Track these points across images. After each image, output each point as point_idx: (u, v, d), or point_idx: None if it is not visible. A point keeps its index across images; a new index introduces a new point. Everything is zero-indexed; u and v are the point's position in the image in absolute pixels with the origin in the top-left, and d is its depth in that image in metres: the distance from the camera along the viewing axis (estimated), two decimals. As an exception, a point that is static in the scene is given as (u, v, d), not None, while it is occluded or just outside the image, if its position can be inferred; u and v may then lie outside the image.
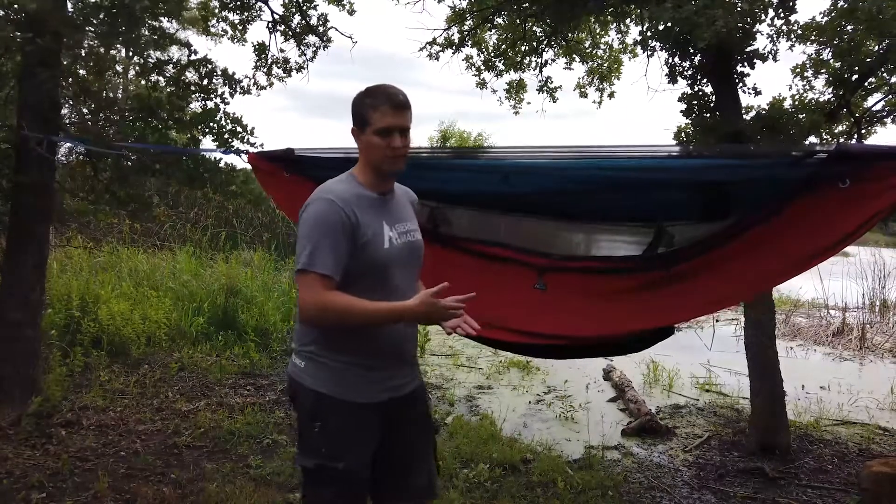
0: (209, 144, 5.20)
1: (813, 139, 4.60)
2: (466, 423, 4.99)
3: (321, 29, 6.30)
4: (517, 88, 7.81)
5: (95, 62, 4.64)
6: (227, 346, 6.54)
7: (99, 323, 6.02)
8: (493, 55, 7.42)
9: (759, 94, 4.49)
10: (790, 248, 2.49)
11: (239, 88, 5.18)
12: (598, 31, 7.58)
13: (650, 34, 4.97)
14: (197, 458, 4.08)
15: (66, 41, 4.18)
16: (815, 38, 4.54)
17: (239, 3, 6.19)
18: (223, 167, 4.89)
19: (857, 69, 4.34)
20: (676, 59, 4.58)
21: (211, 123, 4.85)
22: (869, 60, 4.25)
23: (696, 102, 4.64)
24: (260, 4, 6.21)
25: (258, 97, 8.60)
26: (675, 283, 2.77)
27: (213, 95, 4.98)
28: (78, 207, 5.33)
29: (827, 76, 4.59)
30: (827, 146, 2.95)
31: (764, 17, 4.36)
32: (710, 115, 4.60)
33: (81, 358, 5.47)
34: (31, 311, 4.39)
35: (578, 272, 3.01)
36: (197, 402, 5.09)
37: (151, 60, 4.80)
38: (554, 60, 7.45)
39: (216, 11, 6.46)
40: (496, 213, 3.15)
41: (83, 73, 4.75)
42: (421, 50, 7.18)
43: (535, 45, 7.16)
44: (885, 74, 4.54)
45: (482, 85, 7.56)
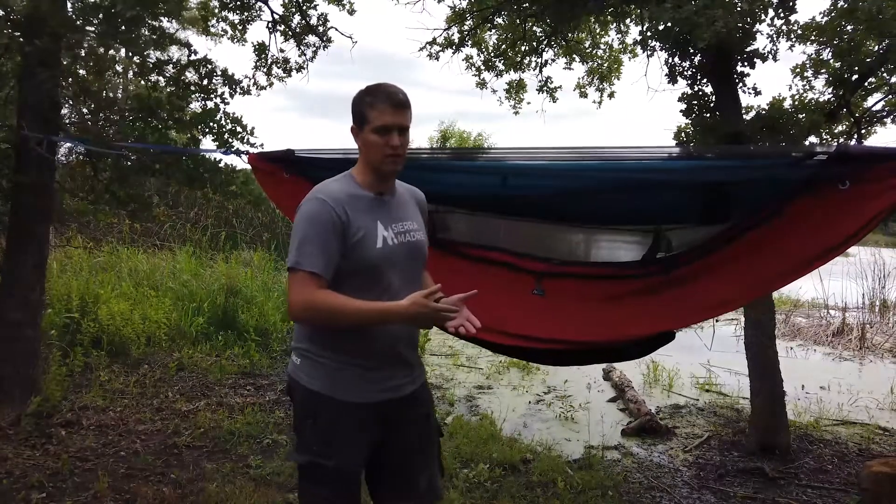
0: (209, 144, 5.20)
1: (813, 139, 4.60)
2: (466, 423, 4.99)
3: (321, 29, 6.30)
4: (517, 88, 7.81)
5: (95, 62, 4.64)
6: (226, 346, 6.54)
7: (99, 323, 6.02)
8: (493, 55, 7.42)
9: (759, 94, 4.49)
10: (791, 250, 2.48)
11: (239, 88, 5.17)
12: (598, 31, 7.57)
13: (650, 34, 4.97)
14: (197, 458, 4.08)
15: (65, 41, 4.18)
16: (815, 38, 4.54)
17: (239, 3, 6.19)
18: (223, 167, 4.89)
19: (857, 69, 4.33)
20: (676, 59, 4.58)
21: (211, 123, 4.84)
22: (869, 60, 4.24)
23: (696, 102, 4.64)
24: (260, 4, 6.21)
25: (258, 97, 8.61)
26: (674, 287, 2.77)
27: (212, 95, 4.98)
28: (78, 207, 5.32)
29: (827, 76, 4.59)
30: (827, 147, 2.95)
31: (764, 17, 4.36)
32: (710, 115, 4.60)
33: (81, 358, 5.48)
34: (31, 311, 4.39)
35: (577, 277, 3.00)
36: (197, 402, 5.09)
37: (151, 60, 4.79)
38: (554, 60, 7.46)
39: (216, 11, 6.46)
40: (495, 215, 3.14)
41: (83, 73, 4.74)
42: (421, 50, 7.19)
43: (535, 45, 7.16)
44: (885, 74, 4.53)
45: (482, 85, 7.56)
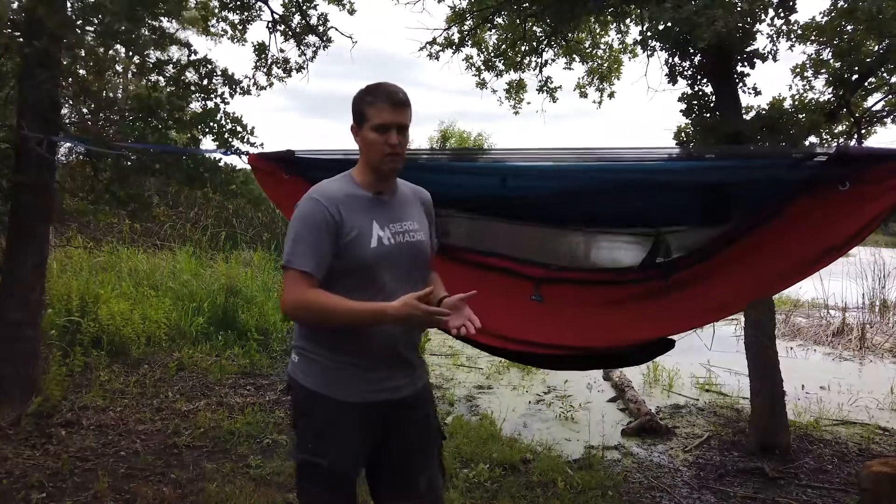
0: (209, 144, 5.20)
1: (813, 139, 4.60)
2: (466, 423, 4.99)
3: (321, 29, 6.30)
4: (517, 88, 7.81)
5: (95, 62, 4.64)
6: (226, 346, 6.54)
7: (99, 323, 6.02)
8: (493, 55, 7.42)
9: (759, 94, 4.49)
10: (791, 251, 2.48)
11: (239, 88, 5.18)
12: (598, 31, 7.57)
13: (650, 34, 4.97)
14: (197, 458, 4.08)
15: (65, 41, 4.18)
16: (815, 38, 4.54)
17: (239, 3, 6.19)
18: (223, 167, 4.89)
19: (857, 69, 4.33)
20: (676, 59, 4.58)
21: (211, 123, 4.85)
22: (869, 60, 4.24)
23: (696, 102, 4.64)
24: (260, 4, 6.21)
25: (258, 97, 8.60)
26: (674, 291, 2.76)
27: (213, 95, 4.98)
28: (78, 207, 5.32)
29: (827, 76, 4.59)
30: (827, 148, 2.95)
31: (764, 16, 4.36)
32: (710, 115, 4.60)
33: (81, 358, 5.48)
34: (31, 311, 4.39)
35: (576, 283, 3.00)
36: (197, 402, 5.10)
37: (151, 60, 4.79)
38: (554, 60, 7.45)
39: (216, 11, 6.46)
40: (494, 218, 3.13)
41: (83, 73, 4.74)
42: (421, 50, 7.18)
43: (535, 45, 7.15)
44: (885, 74, 4.53)
45: (482, 85, 7.55)
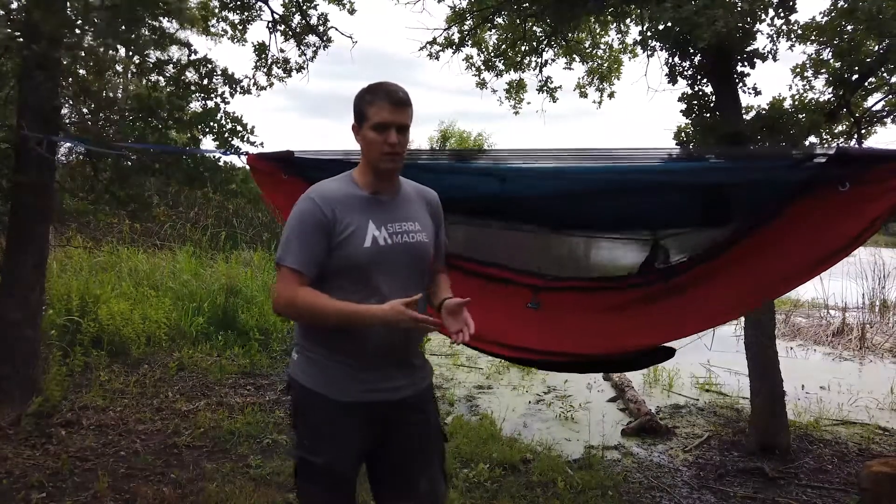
0: (209, 144, 5.21)
1: (813, 139, 4.60)
2: (466, 422, 4.99)
3: (321, 29, 6.31)
4: (517, 88, 7.81)
5: (95, 62, 4.63)
6: (226, 346, 6.54)
7: (99, 323, 6.02)
8: (493, 55, 7.42)
9: (759, 94, 4.49)
10: (792, 253, 2.47)
11: (239, 88, 5.18)
12: (598, 31, 7.57)
13: (650, 34, 4.98)
14: (197, 457, 4.08)
15: (65, 42, 4.17)
16: (815, 38, 4.54)
17: (239, 2, 6.19)
18: (223, 166, 4.90)
19: (857, 69, 4.33)
20: (676, 59, 4.58)
21: (211, 123, 4.85)
22: (869, 60, 4.24)
23: (696, 102, 4.64)
24: (260, 4, 6.22)
25: (258, 97, 8.60)
26: (674, 296, 2.75)
27: (213, 95, 4.99)
28: (78, 207, 5.32)
29: (827, 76, 4.59)
30: (827, 149, 2.94)
31: (764, 16, 4.36)
32: (710, 115, 4.60)
33: (81, 358, 5.47)
34: (31, 311, 4.39)
35: (573, 290, 3.01)
36: (197, 401, 5.09)
37: (151, 60, 4.79)
38: (554, 60, 7.45)
39: (216, 11, 6.47)
40: (492, 221, 3.12)
41: (83, 73, 4.74)
42: (421, 50, 7.19)
43: (535, 45, 7.15)
44: (885, 74, 4.53)
45: (482, 85, 7.55)
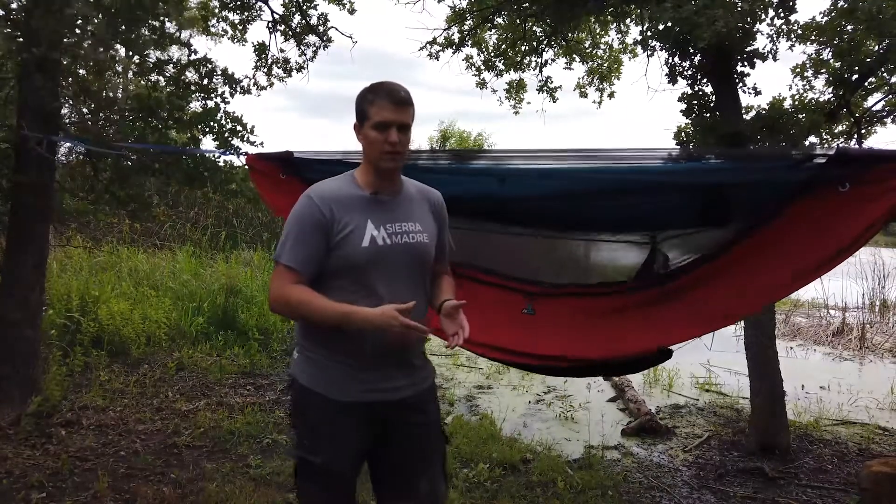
0: (209, 144, 5.21)
1: (813, 139, 4.60)
2: (466, 422, 4.99)
3: (321, 28, 6.30)
4: (517, 88, 7.81)
5: (95, 62, 4.63)
6: (226, 345, 6.54)
7: (99, 323, 6.02)
8: (493, 55, 7.42)
9: (759, 93, 4.49)
10: (793, 255, 2.46)
11: (239, 88, 5.18)
12: (598, 31, 7.57)
13: (650, 34, 4.98)
14: (197, 457, 4.08)
15: (65, 41, 4.17)
16: (815, 38, 4.54)
17: (239, 2, 6.19)
18: (223, 166, 4.90)
19: (857, 69, 4.33)
20: (676, 59, 4.58)
21: (211, 123, 4.85)
22: (869, 60, 4.24)
23: (696, 102, 4.64)
24: (260, 4, 6.21)
25: (258, 97, 8.62)
26: (673, 299, 2.75)
27: (213, 95, 4.99)
28: (78, 207, 5.32)
29: (827, 76, 4.59)
30: (827, 149, 2.94)
31: (764, 16, 4.37)
32: (710, 115, 4.60)
33: (81, 358, 5.47)
34: (30, 311, 4.39)
35: (570, 296, 3.01)
36: (197, 401, 5.09)
37: (151, 60, 4.79)
38: (554, 60, 7.46)
39: (216, 11, 6.46)
40: (490, 223, 3.11)
41: (83, 73, 4.74)
42: (421, 50, 7.19)
43: (535, 45, 7.16)
44: (885, 74, 4.53)
45: (482, 85, 7.56)
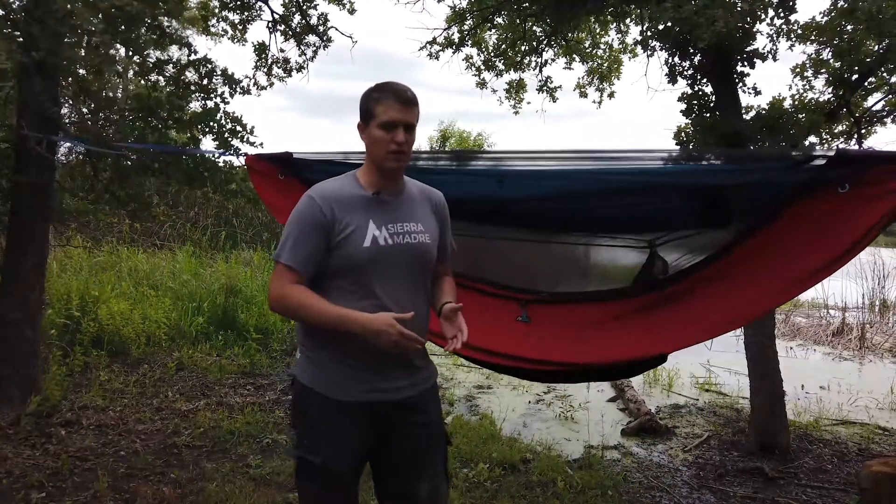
0: (209, 144, 5.21)
1: (813, 139, 4.60)
2: (466, 422, 4.99)
3: (321, 28, 6.31)
4: (517, 88, 7.81)
5: (95, 62, 4.63)
6: (226, 345, 6.54)
7: (99, 323, 6.02)
8: (493, 55, 7.42)
9: (758, 93, 4.49)
10: (793, 256, 2.44)
11: (239, 88, 5.18)
12: (598, 31, 7.57)
13: (650, 34, 4.97)
14: (197, 457, 4.08)
15: (66, 41, 4.17)
16: (815, 37, 4.55)
17: (239, 2, 6.19)
18: (222, 166, 4.90)
19: (857, 69, 4.33)
20: (676, 59, 4.59)
21: (211, 123, 4.85)
22: (869, 60, 4.24)
23: (695, 102, 4.64)
24: (260, 4, 6.22)
25: (258, 97, 8.62)
26: (673, 303, 2.73)
27: (212, 95, 4.99)
28: (78, 207, 5.32)
29: (827, 76, 4.59)
30: (827, 150, 2.94)
31: (764, 16, 4.36)
32: (709, 114, 4.60)
33: (81, 358, 5.48)
34: (30, 311, 4.39)
35: (568, 303, 3.01)
36: (197, 401, 5.10)
37: (151, 60, 4.79)
38: (554, 60, 7.46)
39: (216, 11, 6.46)
40: (489, 226, 3.11)
41: (83, 72, 4.74)
42: (421, 49, 7.19)
43: (535, 44, 7.16)
44: (885, 74, 4.53)
45: (482, 85, 7.56)
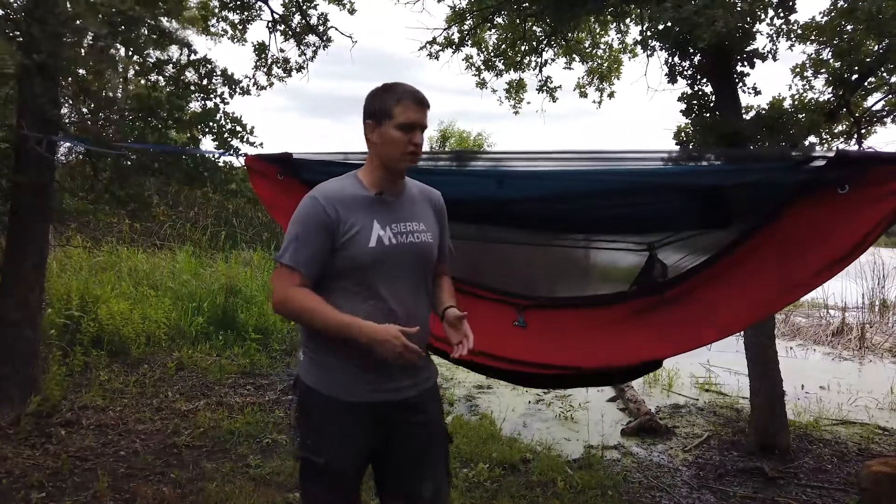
0: (209, 144, 5.21)
1: (813, 139, 4.60)
2: (466, 422, 4.99)
3: (321, 28, 6.31)
4: (517, 88, 7.81)
5: (95, 62, 4.63)
6: (226, 345, 6.54)
7: (98, 323, 6.02)
8: (493, 55, 7.42)
9: (758, 93, 4.49)
10: (793, 258, 2.44)
11: (239, 88, 5.18)
12: (598, 31, 7.57)
13: (650, 34, 4.98)
14: (196, 457, 4.08)
15: (66, 40, 4.17)
16: (814, 37, 4.55)
17: (239, 2, 6.19)
18: (222, 166, 4.90)
19: (856, 69, 4.34)
20: (676, 58, 4.59)
21: (210, 123, 4.85)
22: (869, 60, 4.25)
23: (695, 102, 4.64)
24: (260, 4, 6.22)
25: (258, 97, 8.63)
26: (672, 306, 2.72)
27: (212, 95, 4.99)
28: (78, 207, 5.32)
29: (827, 76, 4.59)
30: (827, 150, 2.94)
31: (764, 16, 4.37)
32: (709, 114, 4.60)
33: (81, 358, 5.48)
34: (30, 311, 4.39)
35: (566, 308, 3.01)
36: (196, 401, 5.09)
37: (151, 60, 4.79)
38: (554, 60, 7.46)
39: (216, 11, 6.46)
40: (488, 227, 3.11)
41: (83, 72, 4.74)
42: (421, 49, 7.19)
43: (535, 44, 7.16)
44: (884, 74, 4.54)
45: (482, 85, 7.56)
